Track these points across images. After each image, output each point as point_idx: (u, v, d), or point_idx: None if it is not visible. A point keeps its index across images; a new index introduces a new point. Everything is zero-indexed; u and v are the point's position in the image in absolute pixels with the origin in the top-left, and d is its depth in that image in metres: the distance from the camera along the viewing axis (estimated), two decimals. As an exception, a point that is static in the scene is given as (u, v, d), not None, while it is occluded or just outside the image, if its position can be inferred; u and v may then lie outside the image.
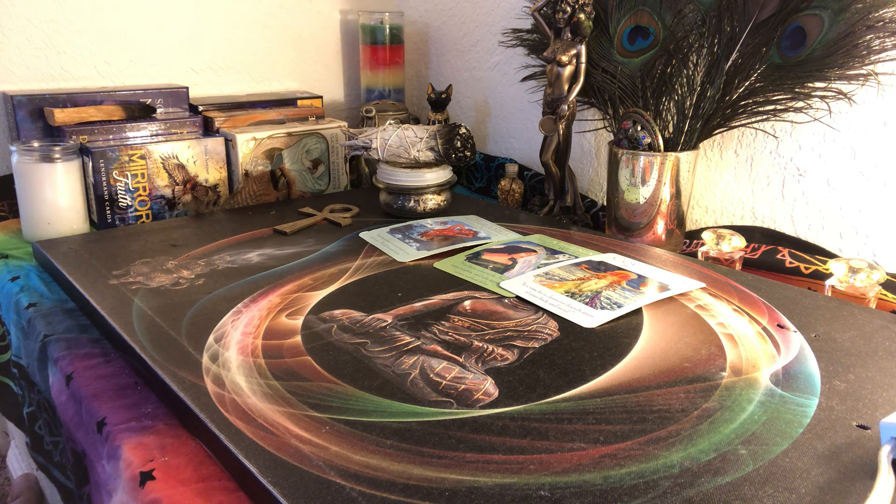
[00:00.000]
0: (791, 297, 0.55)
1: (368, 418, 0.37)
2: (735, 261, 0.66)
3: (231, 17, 1.04)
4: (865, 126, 0.67)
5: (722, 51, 0.70)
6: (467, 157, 0.79)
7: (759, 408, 0.39)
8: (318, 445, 0.35)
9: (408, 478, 0.32)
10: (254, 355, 0.45)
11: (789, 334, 0.48)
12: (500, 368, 0.43)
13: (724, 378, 0.42)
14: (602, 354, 0.45)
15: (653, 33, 0.75)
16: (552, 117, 0.80)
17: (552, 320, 0.50)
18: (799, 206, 0.74)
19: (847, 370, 0.43)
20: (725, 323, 0.50)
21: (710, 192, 0.82)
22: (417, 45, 1.22)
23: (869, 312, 0.52)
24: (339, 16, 1.16)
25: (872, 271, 0.56)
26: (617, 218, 0.77)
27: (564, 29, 0.77)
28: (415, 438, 0.36)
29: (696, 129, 0.73)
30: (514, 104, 1.06)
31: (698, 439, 0.36)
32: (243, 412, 0.38)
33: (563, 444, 0.35)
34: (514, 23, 0.98)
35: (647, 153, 0.71)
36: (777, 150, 0.75)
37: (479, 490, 0.32)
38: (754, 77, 0.69)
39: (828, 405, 0.39)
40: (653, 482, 0.32)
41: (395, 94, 1.14)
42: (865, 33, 0.62)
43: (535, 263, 0.62)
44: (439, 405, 0.39)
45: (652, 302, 0.53)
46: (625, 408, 0.39)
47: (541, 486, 0.32)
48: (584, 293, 0.55)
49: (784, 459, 0.34)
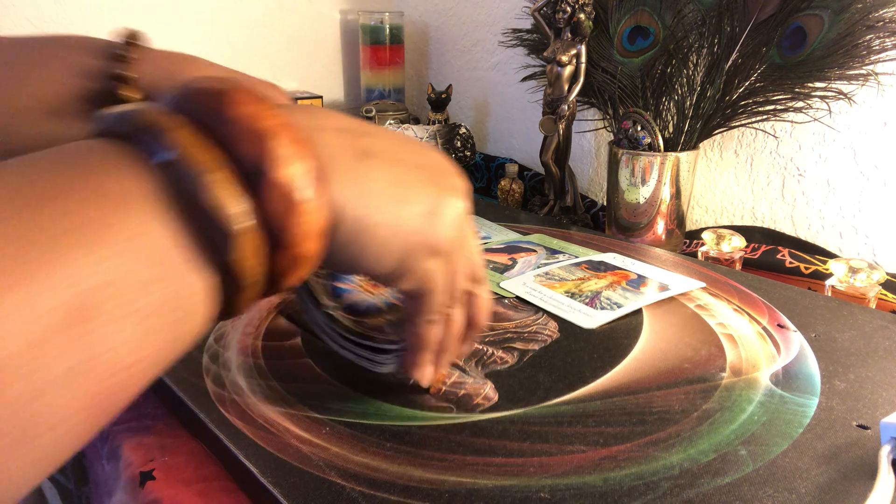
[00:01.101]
0: (791, 297, 0.55)
1: (368, 420, 0.37)
2: (735, 261, 0.66)
3: (231, 17, 1.04)
4: (865, 126, 0.67)
5: (722, 51, 0.70)
6: (467, 156, 0.79)
7: (759, 408, 0.39)
8: (319, 446, 0.35)
9: (408, 479, 0.32)
10: (254, 356, 0.45)
11: (789, 334, 0.48)
12: (500, 372, 0.43)
13: (724, 378, 0.42)
14: (602, 356, 0.45)
15: (653, 33, 0.75)
16: (552, 117, 0.80)
17: (552, 321, 0.50)
18: (799, 206, 0.74)
19: (847, 370, 0.43)
20: (725, 323, 0.50)
21: (710, 192, 0.82)
22: (417, 45, 1.22)
23: (869, 312, 0.52)
24: (339, 16, 1.16)
25: (872, 271, 0.56)
26: (617, 218, 0.77)
27: (564, 29, 0.77)
28: (415, 441, 0.36)
29: (696, 129, 0.73)
30: (514, 104, 1.06)
31: (698, 440, 0.36)
32: (243, 412, 0.38)
33: (563, 447, 0.35)
34: (514, 23, 0.98)
35: (647, 153, 0.71)
36: (777, 150, 0.75)
37: (478, 492, 0.32)
38: (754, 77, 0.69)
39: (828, 405, 0.39)
40: (653, 483, 0.32)
41: (395, 94, 1.14)
42: (865, 33, 0.62)
43: (535, 263, 0.62)
44: (439, 409, 0.39)
45: (652, 302, 0.53)
46: (624, 409, 0.39)
47: (541, 488, 0.32)
48: (584, 293, 0.55)
49: (784, 460, 0.34)
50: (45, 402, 0.16)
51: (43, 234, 0.16)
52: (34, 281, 0.16)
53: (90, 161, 0.19)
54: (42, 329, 0.15)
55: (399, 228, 0.27)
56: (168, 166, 0.19)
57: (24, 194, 0.17)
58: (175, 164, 0.19)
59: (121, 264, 0.17)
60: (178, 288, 0.19)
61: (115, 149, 0.20)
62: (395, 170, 0.27)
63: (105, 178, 0.18)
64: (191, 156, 0.19)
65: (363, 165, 0.26)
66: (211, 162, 0.19)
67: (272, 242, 0.20)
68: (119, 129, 0.20)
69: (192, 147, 0.19)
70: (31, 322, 0.15)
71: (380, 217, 0.26)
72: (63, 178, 0.18)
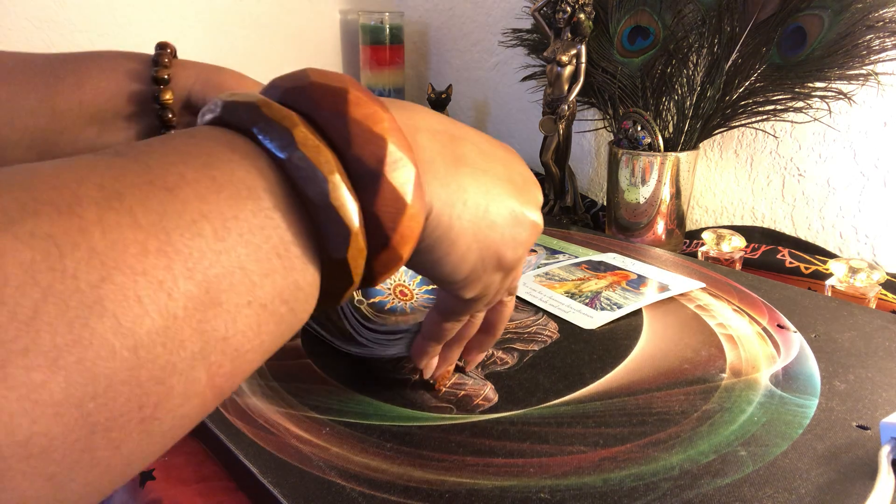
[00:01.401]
0: (791, 297, 0.55)
1: (368, 421, 0.37)
2: (735, 261, 0.66)
3: (231, 17, 1.04)
4: (865, 126, 0.67)
5: (722, 51, 0.70)
6: (467, 157, 0.79)
7: (759, 409, 0.39)
8: (319, 446, 0.35)
9: (408, 480, 0.32)
10: (254, 356, 0.45)
11: (789, 335, 0.48)
12: (500, 373, 0.43)
13: (724, 379, 0.42)
14: (602, 357, 0.45)
15: (653, 33, 0.75)
16: (552, 117, 0.80)
17: (552, 321, 0.50)
18: (799, 206, 0.74)
19: (847, 370, 0.43)
20: (725, 323, 0.50)
21: (710, 192, 0.82)
22: (417, 45, 1.22)
23: (869, 312, 0.52)
24: (339, 16, 1.16)
25: (872, 271, 0.56)
26: (617, 218, 0.77)
27: (564, 29, 0.77)
28: (415, 442, 0.36)
29: (696, 129, 0.73)
30: (514, 104, 1.06)
31: (698, 441, 0.36)
32: (243, 412, 0.38)
33: (563, 448, 0.35)
34: (514, 23, 0.98)
35: (647, 153, 0.71)
36: (777, 150, 0.75)
37: (478, 492, 0.32)
38: (754, 77, 0.69)
39: (828, 406, 0.39)
40: (653, 484, 0.32)
41: (395, 94, 1.14)
42: (865, 33, 0.62)
43: (535, 263, 0.62)
44: (439, 410, 0.39)
45: (652, 302, 0.53)
46: (624, 410, 0.39)
47: (541, 489, 0.32)
48: (584, 294, 0.55)
49: (784, 460, 0.34)
50: (180, 379, 0.17)
51: (171, 222, 0.17)
52: (165, 267, 0.16)
53: (213, 151, 0.19)
54: (175, 311, 0.16)
55: (479, 240, 0.27)
56: (294, 164, 0.19)
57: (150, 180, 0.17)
58: (302, 162, 0.19)
59: (244, 255, 0.18)
60: (290, 281, 0.19)
61: (235, 140, 0.20)
62: (484, 180, 0.27)
63: (229, 169, 0.19)
64: (315, 154, 0.19)
65: (456, 172, 0.26)
66: (333, 161, 0.20)
67: (373, 243, 0.21)
68: (237, 121, 0.20)
69: (314, 145, 0.20)
70: (166, 304, 0.16)
71: (464, 227, 0.26)
72: (187, 168, 0.18)
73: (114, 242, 0.16)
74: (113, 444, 0.16)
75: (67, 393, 0.14)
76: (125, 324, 0.15)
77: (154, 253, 0.16)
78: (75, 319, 0.15)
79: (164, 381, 0.16)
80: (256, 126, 0.20)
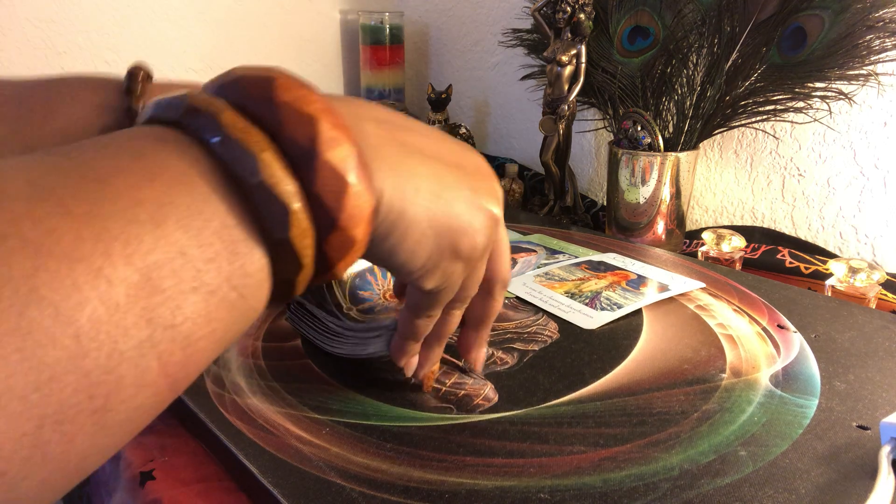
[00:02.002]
0: (791, 297, 0.55)
1: (368, 421, 0.37)
2: (735, 261, 0.66)
3: (231, 17, 1.04)
4: (865, 126, 0.67)
5: (722, 51, 0.70)
6: (467, 157, 0.79)
7: (759, 409, 0.39)
8: (319, 446, 0.35)
9: (408, 480, 0.32)
10: (254, 357, 0.45)
11: (789, 335, 0.48)
12: (500, 373, 0.43)
13: (724, 379, 0.42)
14: (602, 357, 0.45)
15: (653, 33, 0.75)
16: (552, 117, 0.80)
17: (552, 321, 0.50)
18: (799, 206, 0.74)
19: (847, 370, 0.43)
20: (725, 323, 0.50)
21: (710, 192, 0.82)
22: (417, 45, 1.22)
23: (869, 312, 0.52)
24: (339, 16, 1.16)
25: (872, 271, 0.56)
26: (617, 218, 0.77)
27: (564, 29, 0.77)
28: (415, 442, 0.36)
29: (696, 129, 0.73)
30: (514, 104, 1.06)
31: (698, 441, 0.36)
32: (243, 412, 0.38)
33: (563, 448, 0.35)
34: (514, 23, 0.98)
35: (647, 153, 0.71)
36: (777, 150, 0.75)
37: (478, 493, 0.32)
38: (754, 77, 0.69)
39: (828, 406, 0.39)
40: (652, 484, 0.32)
41: (395, 94, 1.14)
42: (865, 33, 0.62)
43: (535, 263, 0.62)
44: (439, 410, 0.39)
45: (652, 302, 0.53)
46: (624, 410, 0.39)
47: (541, 489, 0.32)
48: (584, 294, 0.55)
49: (784, 460, 0.34)
50: (129, 368, 0.17)
51: (105, 209, 0.17)
52: (103, 253, 0.16)
53: (144, 143, 0.19)
54: (116, 298, 0.16)
55: (434, 227, 0.27)
56: (223, 146, 0.19)
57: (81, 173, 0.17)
58: (231, 143, 0.19)
59: (184, 240, 0.18)
60: (237, 266, 0.19)
61: (165, 132, 0.20)
62: (435, 167, 0.27)
63: (160, 158, 0.19)
64: (244, 135, 0.20)
65: (404, 159, 0.26)
66: (264, 142, 0.20)
67: (320, 225, 0.21)
68: (167, 116, 0.21)
69: (243, 127, 0.20)
70: (106, 291, 0.16)
71: (418, 212, 0.26)
72: (119, 160, 0.18)
73: (46, 232, 0.16)
74: (66, 439, 0.16)
75: (7, 384, 0.14)
76: (64, 311, 0.15)
77: (90, 240, 0.16)
78: (9, 308, 0.14)
79: (113, 370, 0.16)
80: (185, 117, 0.20)
